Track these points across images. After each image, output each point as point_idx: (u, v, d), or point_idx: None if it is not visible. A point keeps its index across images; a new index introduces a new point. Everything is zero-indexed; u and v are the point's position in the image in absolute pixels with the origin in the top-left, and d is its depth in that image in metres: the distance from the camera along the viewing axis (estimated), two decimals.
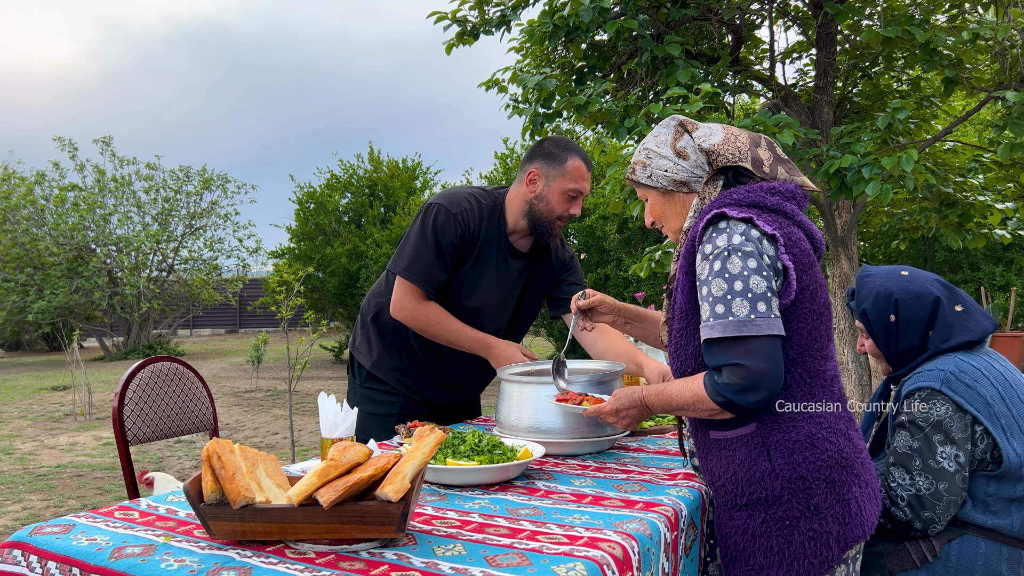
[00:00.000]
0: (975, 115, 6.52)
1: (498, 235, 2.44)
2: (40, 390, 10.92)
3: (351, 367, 2.63)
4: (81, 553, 1.34)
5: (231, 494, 1.32)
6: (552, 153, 2.38)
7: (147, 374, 2.62)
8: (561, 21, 4.99)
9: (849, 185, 4.52)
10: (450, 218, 2.34)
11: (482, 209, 2.41)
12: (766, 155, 1.63)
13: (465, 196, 2.41)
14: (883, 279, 2.00)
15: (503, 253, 2.45)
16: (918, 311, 1.94)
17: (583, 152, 2.40)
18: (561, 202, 2.38)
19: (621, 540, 1.38)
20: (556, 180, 2.36)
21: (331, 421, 1.72)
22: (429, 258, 2.34)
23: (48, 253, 15.51)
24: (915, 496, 1.83)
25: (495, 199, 2.46)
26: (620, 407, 1.74)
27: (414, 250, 2.36)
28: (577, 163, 2.36)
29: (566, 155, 2.36)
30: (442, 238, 2.34)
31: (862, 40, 4.80)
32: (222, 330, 23.33)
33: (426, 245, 2.34)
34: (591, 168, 2.40)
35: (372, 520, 1.32)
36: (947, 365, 1.87)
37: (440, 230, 2.34)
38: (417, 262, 2.35)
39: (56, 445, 7.06)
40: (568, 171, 2.36)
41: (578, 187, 2.37)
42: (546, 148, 2.39)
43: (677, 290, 1.63)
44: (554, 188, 2.36)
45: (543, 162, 2.38)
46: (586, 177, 2.38)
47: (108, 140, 17.28)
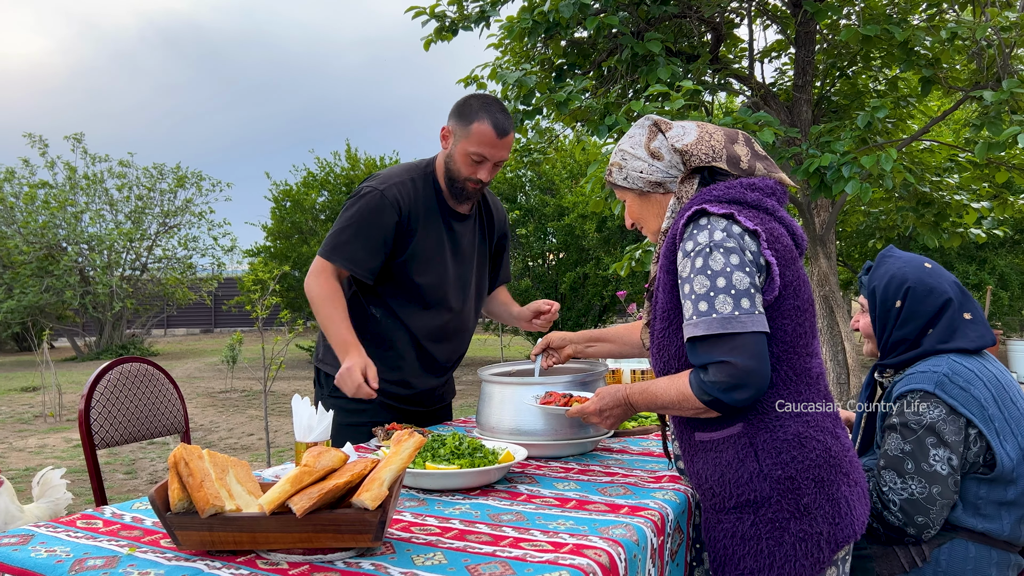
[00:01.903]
0: (950, 115, 6.57)
1: (437, 202, 2.35)
2: (9, 391, 10.70)
3: (317, 378, 2.51)
4: (40, 566, 1.27)
5: (199, 502, 1.26)
6: (463, 112, 2.26)
7: (115, 375, 2.54)
8: (541, 17, 4.95)
9: (828, 184, 4.52)
10: (380, 198, 2.26)
11: (415, 181, 2.33)
12: (743, 151, 1.60)
13: (396, 175, 2.33)
14: (903, 264, 1.96)
15: (447, 219, 2.37)
16: (926, 306, 1.90)
17: (499, 116, 2.24)
18: (465, 164, 2.26)
19: (607, 547, 1.33)
20: (461, 141, 2.25)
21: (305, 424, 1.65)
22: (349, 237, 2.25)
23: (18, 251, 15.22)
24: (908, 500, 1.80)
25: (426, 167, 2.38)
26: (604, 407, 1.70)
27: (339, 231, 2.28)
28: (483, 127, 2.21)
29: (475, 116, 2.23)
30: (373, 219, 2.25)
31: (842, 38, 4.80)
32: (196, 330, 23.05)
33: (352, 227, 2.26)
34: (505, 134, 2.24)
35: (348, 529, 1.26)
36: (941, 367, 1.83)
37: (371, 212, 2.25)
38: (340, 243, 2.26)
39: (25, 447, 6.91)
40: (472, 134, 2.22)
41: (480, 152, 2.22)
42: (461, 106, 2.28)
43: (658, 290, 1.59)
44: (459, 149, 2.26)
45: (454, 120, 2.27)
46: (493, 143, 2.23)
47: (80, 137, 17.00)
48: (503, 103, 2.28)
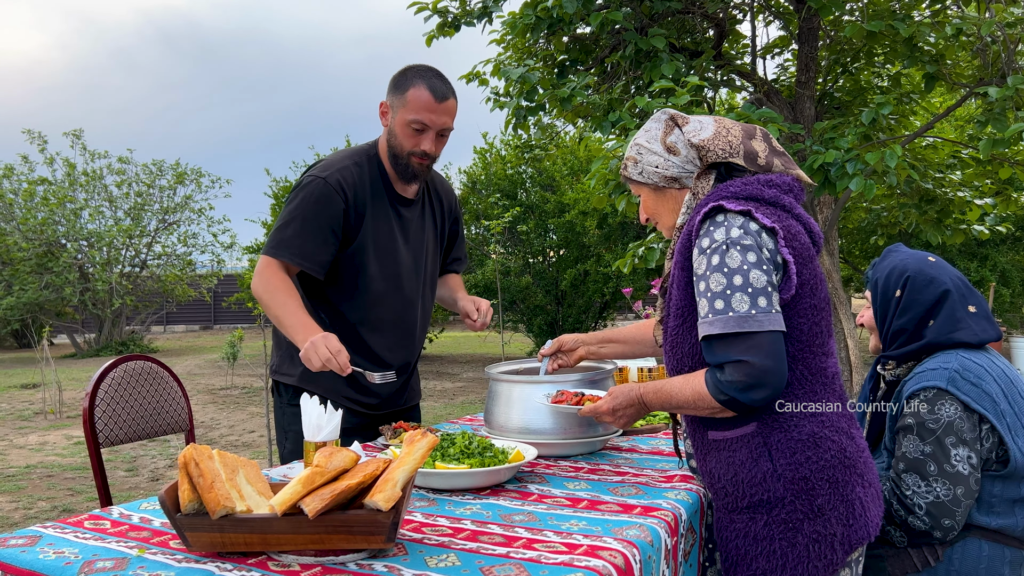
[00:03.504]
0: (953, 111, 6.55)
1: (384, 187, 2.23)
2: (9, 388, 10.68)
3: (275, 390, 2.35)
4: (48, 568, 1.25)
5: (210, 503, 1.24)
6: (399, 82, 2.15)
7: (119, 373, 2.52)
8: (544, 13, 4.92)
9: (833, 180, 4.51)
10: (324, 185, 2.13)
11: (360, 165, 2.21)
12: (761, 147, 1.58)
13: (338, 160, 2.21)
14: (906, 257, 1.98)
15: (395, 204, 2.25)
16: (925, 295, 1.90)
17: (436, 82, 2.13)
18: (407, 136, 2.14)
19: (622, 548, 1.32)
20: (399, 111, 2.13)
21: (314, 424, 1.63)
22: (296, 230, 2.11)
23: (17, 248, 15.18)
24: (934, 503, 1.77)
25: (369, 149, 2.26)
26: (617, 406, 1.68)
27: (283, 226, 2.14)
28: (418, 92, 2.10)
29: (409, 83, 2.12)
30: (318, 208, 2.12)
31: (846, 34, 4.78)
32: (196, 326, 23.02)
33: (297, 220, 2.12)
34: (445, 98, 2.12)
35: (360, 530, 1.24)
36: (951, 363, 1.81)
37: (316, 202, 2.12)
38: (286, 238, 2.12)
39: (25, 444, 6.89)
40: (408, 101, 2.11)
41: (419, 118, 2.10)
42: (397, 77, 2.17)
43: (672, 286, 1.57)
44: (398, 120, 2.14)
45: (390, 93, 2.17)
46: (431, 107, 2.10)
47: (79, 133, 16.94)
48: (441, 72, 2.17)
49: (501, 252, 12.88)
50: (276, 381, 2.34)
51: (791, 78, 6.58)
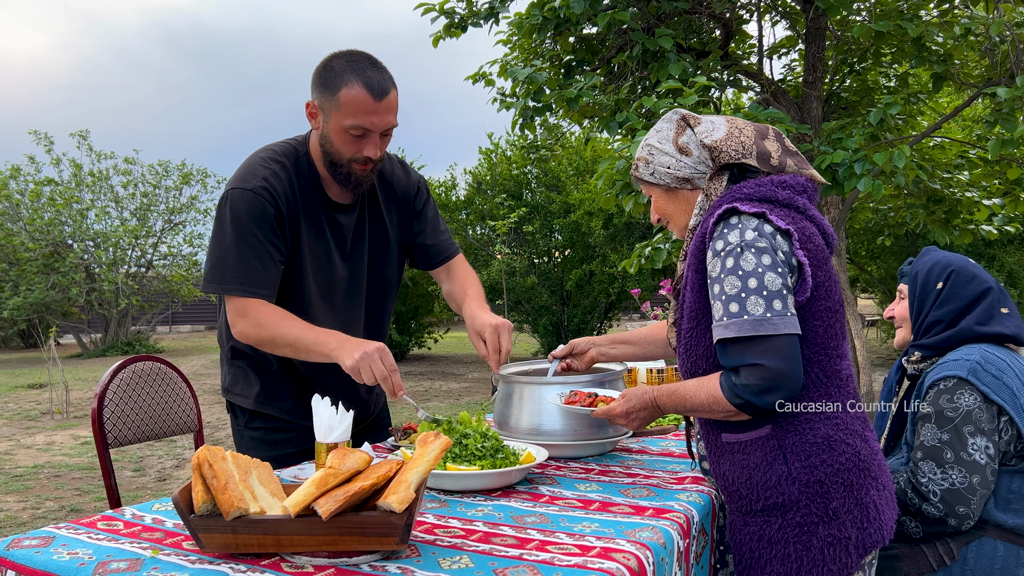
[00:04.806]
0: (961, 112, 6.53)
1: (315, 191, 1.95)
2: (16, 388, 10.71)
3: (231, 409, 2.14)
4: (62, 568, 1.25)
5: (223, 505, 1.24)
6: (326, 79, 1.84)
7: (127, 374, 2.52)
8: (551, 13, 4.92)
9: (841, 180, 4.50)
10: (251, 196, 1.85)
11: (286, 168, 1.92)
12: (774, 147, 1.57)
13: (259, 163, 1.91)
14: (948, 254, 2.03)
15: (328, 211, 1.97)
16: (968, 289, 1.94)
17: (371, 74, 1.83)
18: (345, 143, 1.85)
19: (635, 550, 1.31)
20: (332, 115, 1.84)
21: (326, 425, 1.63)
22: (244, 256, 1.84)
23: (23, 248, 15.24)
24: (949, 490, 1.78)
25: (299, 147, 1.96)
26: (631, 408, 1.67)
27: (224, 255, 1.85)
28: (352, 91, 1.80)
29: (340, 81, 1.81)
30: (252, 226, 1.84)
31: (854, 35, 4.77)
32: (202, 326, 23.07)
33: (236, 243, 1.84)
34: (384, 94, 1.82)
35: (374, 532, 1.24)
36: (973, 355, 1.83)
37: (246, 217, 1.84)
38: (235, 267, 1.84)
39: (33, 444, 6.91)
40: (342, 103, 1.81)
41: (358, 123, 1.81)
42: (322, 71, 1.86)
43: (686, 288, 1.56)
44: (332, 126, 1.85)
45: (318, 92, 1.86)
46: (370, 109, 1.81)
47: (85, 134, 17.01)
48: (374, 57, 1.87)
49: (506, 252, 12.88)
50: (230, 403, 2.12)
51: (798, 78, 6.57)
